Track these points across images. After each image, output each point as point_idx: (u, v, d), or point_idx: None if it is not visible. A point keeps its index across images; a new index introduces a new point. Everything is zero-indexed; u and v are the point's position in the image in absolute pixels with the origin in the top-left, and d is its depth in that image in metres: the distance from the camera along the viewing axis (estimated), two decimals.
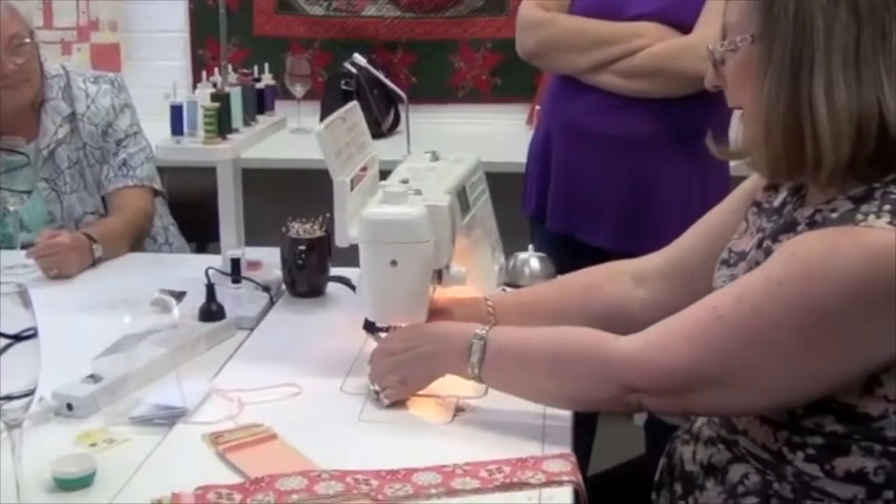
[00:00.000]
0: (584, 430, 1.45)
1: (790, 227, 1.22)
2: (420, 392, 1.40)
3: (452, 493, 1.18)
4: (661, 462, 1.39)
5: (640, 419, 2.61)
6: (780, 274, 1.14)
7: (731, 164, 2.04)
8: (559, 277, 1.69)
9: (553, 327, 1.34)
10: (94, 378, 1.41)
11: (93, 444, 1.30)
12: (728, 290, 1.21)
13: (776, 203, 1.30)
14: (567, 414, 1.35)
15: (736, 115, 1.28)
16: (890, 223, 1.11)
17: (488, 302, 1.50)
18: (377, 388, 1.40)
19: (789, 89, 1.15)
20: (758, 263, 1.21)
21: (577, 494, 1.19)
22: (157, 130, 1.93)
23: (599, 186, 2.11)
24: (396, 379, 1.39)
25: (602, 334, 1.28)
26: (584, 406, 1.35)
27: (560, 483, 1.20)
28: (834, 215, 1.16)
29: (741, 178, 1.44)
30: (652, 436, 2.20)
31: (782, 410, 1.19)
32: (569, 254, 1.91)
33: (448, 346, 1.35)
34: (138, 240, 2.22)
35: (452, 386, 1.39)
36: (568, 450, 1.28)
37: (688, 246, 1.45)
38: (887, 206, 1.12)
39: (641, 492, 1.40)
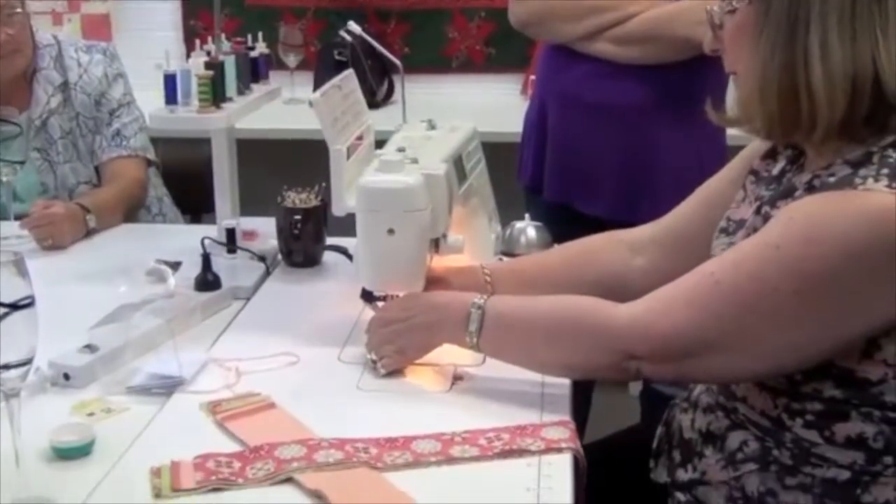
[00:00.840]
0: (580, 399, 1.45)
1: (788, 193, 1.21)
2: (417, 361, 1.40)
3: (452, 460, 1.18)
4: (658, 430, 1.40)
5: (635, 389, 2.62)
6: (778, 238, 1.14)
7: (728, 132, 2.04)
8: (556, 246, 1.69)
9: (551, 296, 1.34)
10: (90, 348, 1.41)
11: (90, 414, 1.30)
12: (726, 255, 1.21)
13: (775, 171, 1.30)
14: (565, 382, 1.35)
15: (732, 81, 1.28)
16: (888, 186, 1.10)
17: (485, 270, 1.50)
18: (374, 357, 1.40)
19: (784, 48, 1.15)
20: (756, 230, 1.21)
21: (576, 461, 1.20)
22: (148, 102, 1.92)
23: (595, 155, 2.11)
24: (394, 348, 1.38)
25: (600, 302, 1.28)
26: (583, 374, 1.35)
27: (559, 450, 1.20)
28: (832, 180, 1.16)
29: (738, 147, 1.44)
30: (647, 405, 2.20)
31: (781, 376, 1.19)
32: (565, 223, 1.91)
33: (446, 315, 1.35)
34: (132, 210, 2.21)
35: (450, 354, 1.39)
36: (567, 417, 1.28)
37: (685, 214, 1.45)
38: (885, 170, 1.12)
39: (638, 460, 1.40)
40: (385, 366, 1.38)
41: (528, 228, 1.78)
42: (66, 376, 1.37)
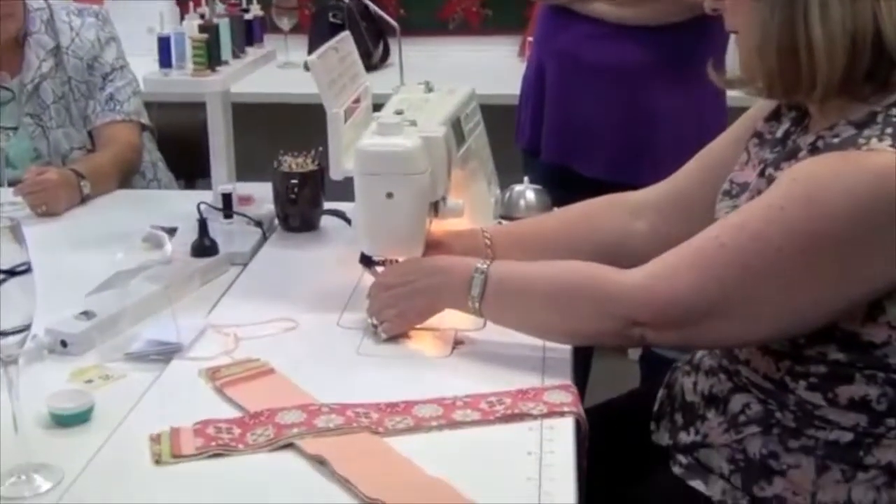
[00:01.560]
0: (579, 364, 1.45)
1: (792, 155, 1.21)
2: (418, 326, 1.40)
3: (453, 424, 1.18)
4: (660, 393, 1.40)
5: (634, 353, 2.62)
6: (782, 199, 1.13)
7: (729, 94, 2.03)
8: (556, 210, 1.68)
9: (554, 261, 1.33)
10: (87, 315, 1.40)
11: (88, 381, 1.30)
12: (730, 218, 1.21)
13: (779, 133, 1.29)
14: (567, 346, 1.35)
15: (732, 42, 1.27)
16: (892, 146, 1.10)
17: (485, 234, 1.50)
18: (375, 321, 1.39)
19: (784, 6, 1.15)
20: (760, 192, 1.20)
21: (578, 425, 1.20)
22: (141, 67, 1.91)
23: (594, 117, 2.10)
24: (395, 313, 1.38)
25: (604, 268, 1.27)
26: (585, 340, 1.35)
27: (561, 414, 1.20)
28: (836, 140, 1.15)
29: (740, 109, 1.43)
30: (647, 369, 2.21)
31: (785, 340, 1.19)
32: (564, 186, 1.90)
33: (448, 279, 1.35)
34: (127, 176, 2.20)
35: (451, 319, 1.39)
36: (568, 381, 1.28)
37: (687, 178, 1.44)
38: (889, 129, 1.12)
39: (639, 423, 1.41)
40: (386, 330, 1.38)
41: (527, 192, 1.77)
42: (64, 343, 1.37)
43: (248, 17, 1.83)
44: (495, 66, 3.24)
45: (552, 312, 1.29)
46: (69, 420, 1.19)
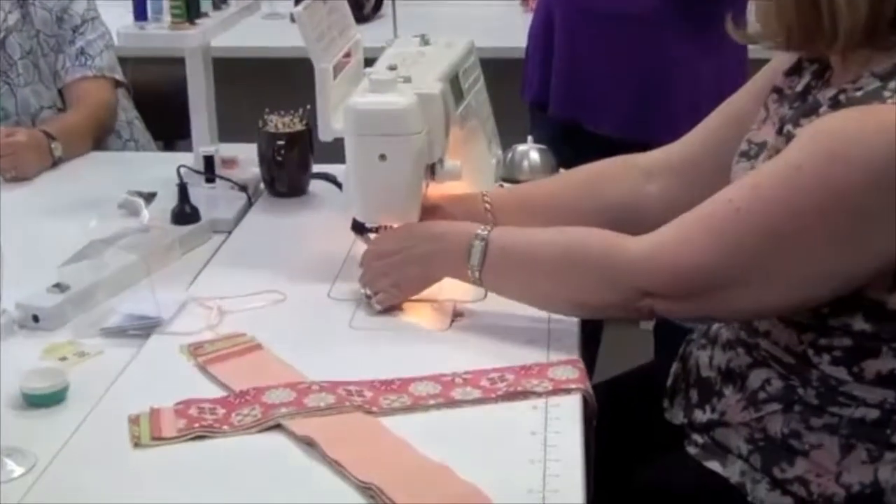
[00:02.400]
0: (589, 336, 1.45)
1: (812, 110, 1.20)
2: (415, 297, 1.40)
3: (452, 403, 1.19)
4: (674, 367, 1.40)
5: (647, 323, 2.62)
6: (800, 158, 1.13)
7: (750, 49, 2.02)
8: (562, 171, 1.67)
9: (559, 227, 1.33)
10: (60, 287, 1.40)
11: (63, 359, 1.30)
12: (745, 180, 1.20)
13: (799, 88, 1.28)
14: (573, 318, 1.35)
15: None
16: None
17: (485, 198, 1.49)
18: (368, 292, 1.39)
19: None
20: (778, 151, 1.20)
21: (585, 403, 1.20)
22: (114, 20, 1.90)
23: (606, 69, 2.09)
24: (389, 282, 1.38)
25: (611, 234, 1.27)
26: (592, 312, 1.35)
27: (567, 391, 1.20)
28: (859, 94, 1.15)
29: (761, 62, 1.42)
30: (661, 340, 2.21)
31: (806, 310, 1.19)
32: (573, 145, 1.90)
33: (446, 246, 1.35)
34: (101, 136, 2.20)
35: (450, 290, 1.39)
36: (575, 356, 1.28)
37: (703, 137, 1.44)
38: None
39: (652, 400, 1.41)
40: (380, 301, 1.38)
41: (531, 152, 1.77)
42: (36, 318, 1.37)
43: None
44: (496, 17, 3.22)
45: (557, 283, 1.29)
46: (42, 400, 1.20)
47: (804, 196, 1.11)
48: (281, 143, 1.76)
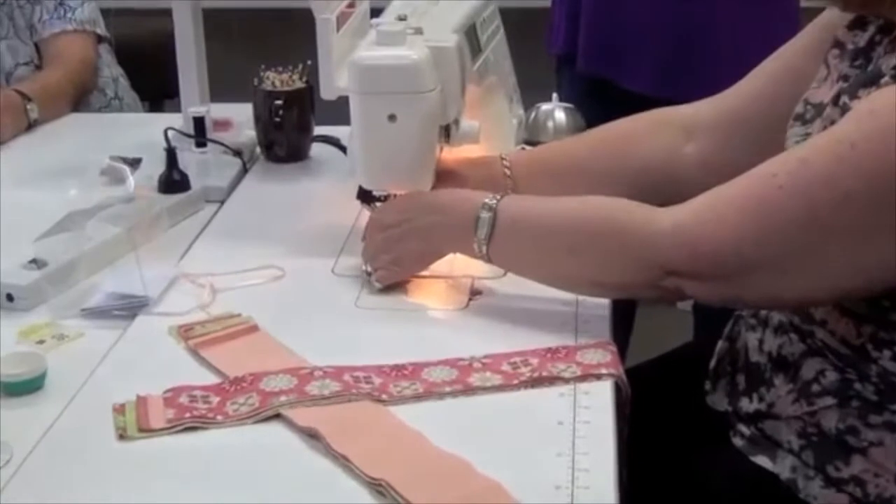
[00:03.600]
0: (621, 316, 1.45)
1: (872, 80, 1.18)
2: (424, 273, 1.40)
3: (470, 390, 1.18)
4: (719, 346, 1.39)
5: (686, 302, 2.61)
6: (854, 134, 1.11)
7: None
8: (590, 131, 1.66)
9: (577, 197, 1.32)
10: (36, 263, 1.40)
11: (40, 342, 1.30)
12: (791, 154, 1.19)
13: (862, 43, 1.26)
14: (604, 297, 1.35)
15: None
16: None
17: (504, 161, 1.49)
18: (369, 268, 1.39)
19: None
20: (833, 123, 1.18)
21: (618, 389, 1.20)
22: None
23: (641, 19, 2.07)
24: (389, 258, 1.38)
25: (636, 205, 1.26)
26: (613, 292, 1.34)
27: (598, 376, 1.20)
28: None
29: (813, 14, 1.40)
30: (702, 320, 2.20)
31: (858, 300, 1.18)
32: (603, 103, 1.88)
33: (451, 218, 1.34)
34: (82, 96, 2.21)
35: (466, 264, 1.39)
36: (606, 337, 1.28)
37: (751, 92, 1.42)
38: None
39: (692, 384, 1.41)
40: (380, 279, 1.38)
41: (555, 111, 1.76)
42: (10, 297, 1.37)
43: None
44: None
45: (571, 257, 1.28)
46: (18, 388, 1.20)
47: (855, 178, 1.10)
48: (279, 102, 1.76)
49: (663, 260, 1.22)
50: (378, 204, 1.49)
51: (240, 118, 1.84)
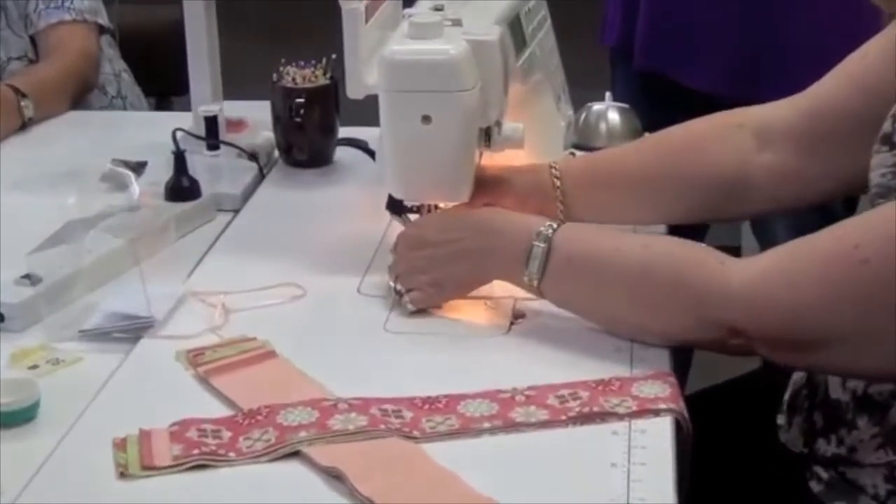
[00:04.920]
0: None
1: None
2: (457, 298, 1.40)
3: (512, 426, 1.18)
4: (795, 376, 1.39)
5: None
6: None
7: None
8: (648, 136, 1.65)
9: (643, 235, 1.33)
10: (30, 279, 1.41)
11: (33, 367, 1.31)
12: (875, 220, 1.18)
13: None
14: None
15: None
16: None
17: (554, 170, 1.48)
18: (400, 287, 1.39)
19: None
20: None
21: (679, 427, 1.19)
22: None
23: (707, 9, 2.06)
24: (428, 279, 1.38)
25: (704, 253, 1.27)
26: (673, 343, 1.33)
27: (656, 412, 1.20)
28: None
29: None
30: None
31: None
32: (662, 102, 1.88)
33: (501, 244, 1.35)
34: (81, 92, 2.22)
35: (508, 284, 1.38)
36: (666, 368, 1.27)
37: (833, 95, 1.40)
38: None
39: (761, 416, 1.41)
40: (414, 301, 1.38)
41: (609, 111, 1.75)
42: (1, 317, 1.37)
43: None
44: None
45: (631, 306, 1.29)
46: (8, 419, 1.20)
47: None
48: (300, 100, 1.76)
49: (730, 320, 1.22)
50: (411, 216, 1.50)
51: (256, 118, 1.85)
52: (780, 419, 1.38)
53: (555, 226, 1.32)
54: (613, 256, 1.31)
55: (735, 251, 2.65)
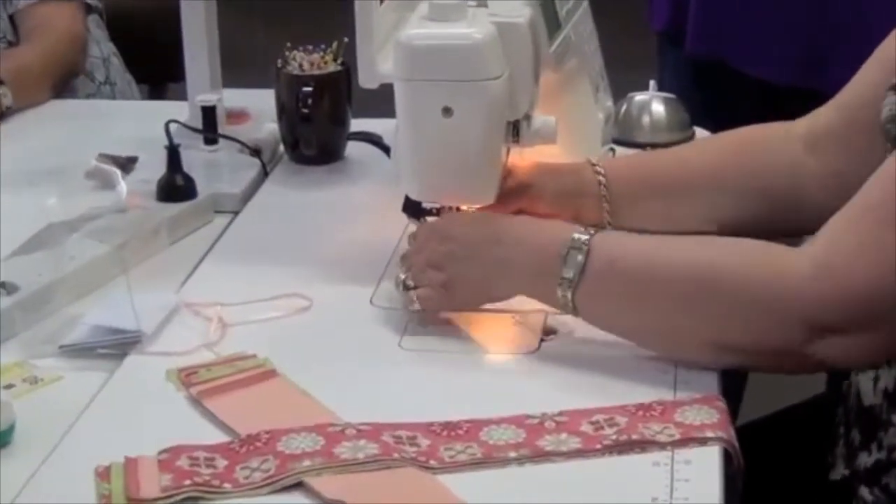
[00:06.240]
0: None
1: None
2: (487, 306, 1.40)
3: (541, 455, 1.18)
4: (839, 411, 1.40)
5: None
6: None
7: None
8: (702, 138, 1.66)
9: (693, 237, 1.33)
10: (5, 287, 1.42)
11: (8, 386, 1.31)
12: None
13: None
14: None
15: None
16: None
17: (597, 167, 1.49)
18: (410, 282, 1.39)
19: None
20: None
21: (728, 458, 1.19)
22: None
23: None
24: (441, 278, 1.38)
25: (766, 246, 1.26)
26: (735, 358, 1.31)
27: (703, 441, 1.19)
28: None
29: None
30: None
31: None
32: (717, 93, 1.87)
33: (529, 250, 1.34)
34: (66, 79, 2.24)
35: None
36: (714, 391, 1.27)
37: (870, 80, 1.41)
38: None
39: (816, 450, 1.42)
40: (422, 299, 1.38)
41: (652, 102, 1.76)
42: None
43: None
44: None
45: (692, 316, 1.27)
46: None
47: None
48: (308, 89, 1.77)
49: (814, 313, 1.21)
50: (429, 219, 1.50)
51: (259, 108, 1.86)
52: (830, 457, 1.39)
53: (592, 231, 1.32)
54: (664, 257, 1.30)
55: None
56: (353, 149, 1.83)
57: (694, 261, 1.29)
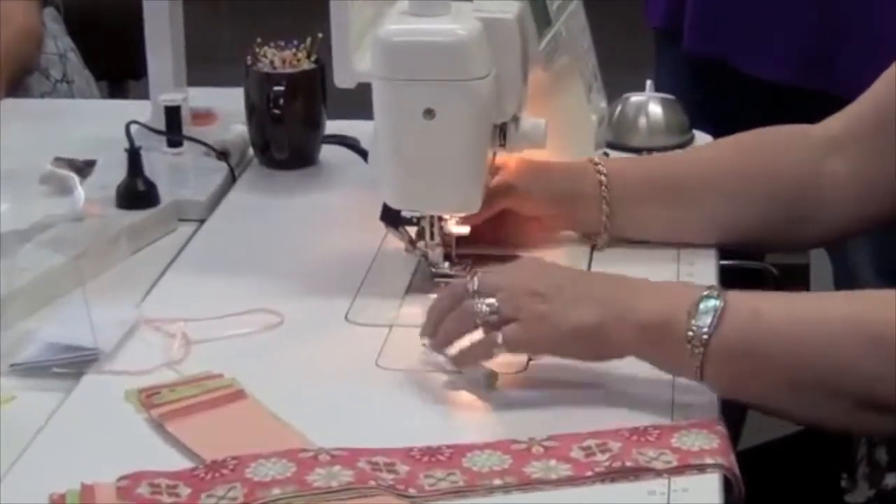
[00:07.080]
0: None
1: None
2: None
3: (528, 483, 1.18)
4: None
5: None
6: None
7: None
8: (713, 142, 1.66)
9: (840, 293, 1.32)
10: None
11: None
12: None
13: None
14: None
15: None
16: None
17: (599, 166, 1.49)
18: (495, 314, 1.28)
19: None
20: None
21: (728, 486, 1.19)
22: None
23: None
24: (544, 310, 1.27)
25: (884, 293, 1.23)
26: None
27: (701, 468, 1.20)
28: None
29: None
30: None
31: None
32: (717, 93, 1.88)
33: (654, 295, 1.27)
34: (19, 77, 2.24)
35: None
36: (714, 415, 1.27)
37: (885, 92, 1.42)
38: None
39: (823, 476, 1.43)
40: (509, 338, 1.28)
41: (650, 104, 1.77)
42: None
43: None
44: None
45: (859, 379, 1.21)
46: None
47: None
48: (279, 88, 1.77)
49: None
50: (409, 229, 1.50)
51: (227, 109, 1.86)
52: (844, 480, 1.39)
53: (717, 288, 1.25)
54: (819, 309, 1.26)
55: (803, 269, 2.67)
56: (327, 153, 1.84)
57: (848, 316, 1.23)
